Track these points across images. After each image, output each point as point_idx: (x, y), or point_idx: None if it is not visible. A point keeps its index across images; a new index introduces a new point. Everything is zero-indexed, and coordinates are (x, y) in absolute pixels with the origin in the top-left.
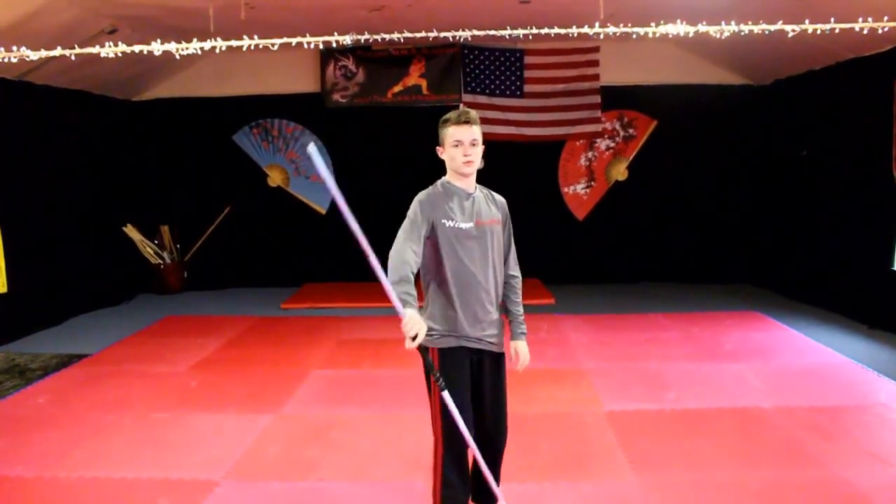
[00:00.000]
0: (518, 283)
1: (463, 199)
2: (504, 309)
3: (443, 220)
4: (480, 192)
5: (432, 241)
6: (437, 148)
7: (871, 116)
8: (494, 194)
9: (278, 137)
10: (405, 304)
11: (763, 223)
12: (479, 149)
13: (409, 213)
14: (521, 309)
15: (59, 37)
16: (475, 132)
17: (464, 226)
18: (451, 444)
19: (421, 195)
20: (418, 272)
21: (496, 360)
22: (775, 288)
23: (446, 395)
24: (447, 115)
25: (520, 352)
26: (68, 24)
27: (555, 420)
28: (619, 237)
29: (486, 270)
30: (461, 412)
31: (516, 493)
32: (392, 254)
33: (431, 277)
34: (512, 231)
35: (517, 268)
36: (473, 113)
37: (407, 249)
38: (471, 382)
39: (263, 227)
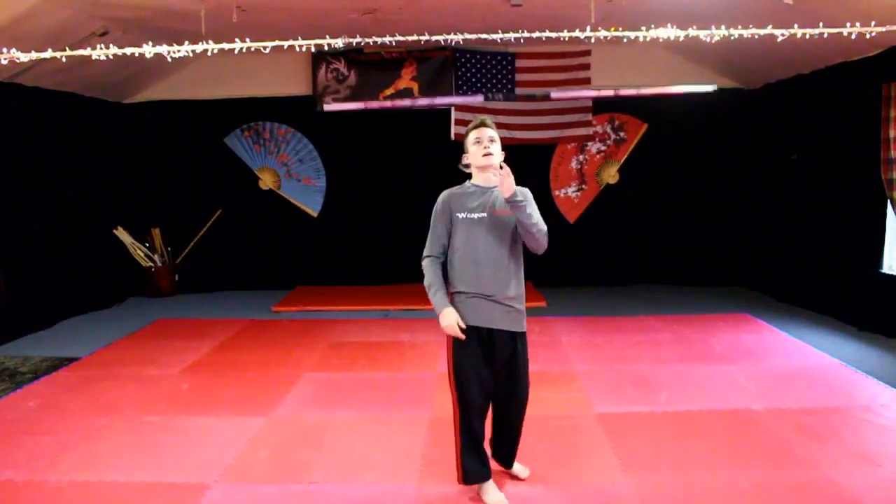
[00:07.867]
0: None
1: (481, 195)
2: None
3: (458, 213)
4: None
5: (453, 230)
6: (463, 156)
7: (860, 119)
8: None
9: (270, 140)
10: (438, 305)
11: (753, 226)
12: (497, 145)
13: (433, 210)
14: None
15: (49, 39)
16: (490, 132)
17: (475, 216)
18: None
19: (443, 193)
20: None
21: (511, 338)
22: (765, 290)
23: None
24: (467, 128)
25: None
26: (59, 26)
27: (546, 422)
28: (611, 240)
29: (496, 253)
30: (472, 381)
31: (508, 495)
32: (423, 261)
33: (452, 260)
34: (535, 205)
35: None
36: (489, 120)
37: (432, 249)
38: (486, 356)
39: (255, 230)
